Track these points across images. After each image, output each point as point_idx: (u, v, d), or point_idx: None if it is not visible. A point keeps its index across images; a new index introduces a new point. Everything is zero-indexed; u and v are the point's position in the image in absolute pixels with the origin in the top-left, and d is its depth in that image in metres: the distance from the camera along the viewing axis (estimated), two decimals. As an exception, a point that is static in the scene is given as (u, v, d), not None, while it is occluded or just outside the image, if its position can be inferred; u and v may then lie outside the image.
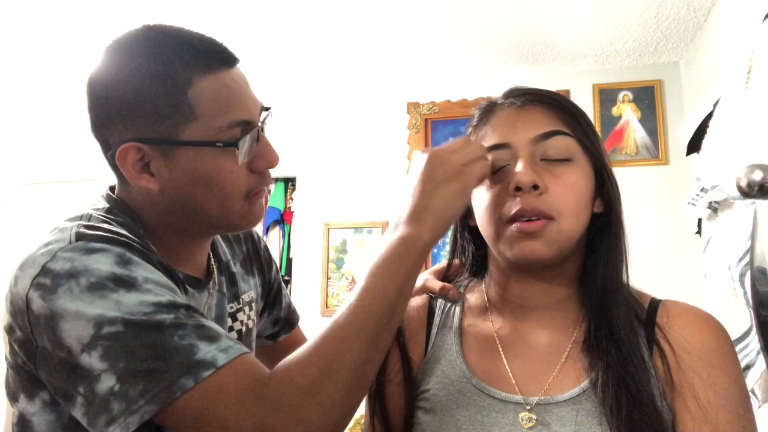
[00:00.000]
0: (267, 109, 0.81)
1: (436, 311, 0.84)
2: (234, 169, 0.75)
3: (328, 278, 2.90)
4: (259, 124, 0.79)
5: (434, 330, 0.82)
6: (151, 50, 0.74)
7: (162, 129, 0.72)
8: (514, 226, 0.72)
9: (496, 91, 0.84)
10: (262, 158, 0.78)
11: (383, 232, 2.86)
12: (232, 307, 0.89)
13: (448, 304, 0.84)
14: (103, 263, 0.65)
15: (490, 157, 0.74)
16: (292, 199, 3.20)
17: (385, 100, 3.01)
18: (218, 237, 0.92)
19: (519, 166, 0.72)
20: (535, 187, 0.71)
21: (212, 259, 0.88)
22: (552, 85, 2.68)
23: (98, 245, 0.67)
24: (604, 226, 0.77)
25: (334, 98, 3.06)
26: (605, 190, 0.77)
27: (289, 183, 3.23)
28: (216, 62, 0.75)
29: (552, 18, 2.32)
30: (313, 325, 0.83)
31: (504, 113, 0.78)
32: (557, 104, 0.78)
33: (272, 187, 3.12)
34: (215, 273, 0.88)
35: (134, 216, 0.78)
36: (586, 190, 0.74)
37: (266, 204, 3.28)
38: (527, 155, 0.73)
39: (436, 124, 2.94)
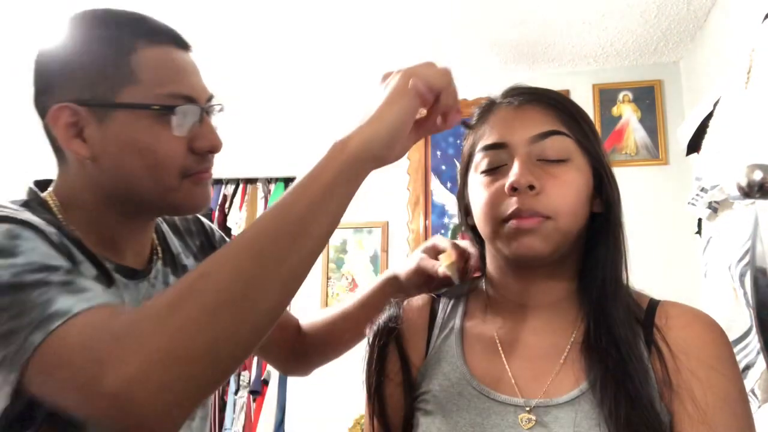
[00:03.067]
0: (213, 98, 0.79)
1: (439, 312, 0.83)
2: (170, 140, 0.72)
3: (328, 278, 2.90)
4: (204, 107, 0.76)
5: (436, 331, 0.82)
6: (99, 19, 0.74)
7: (99, 90, 0.71)
8: (511, 222, 0.72)
9: (496, 92, 0.84)
10: (204, 139, 0.76)
11: (383, 233, 2.87)
12: None
13: (451, 305, 0.84)
14: None
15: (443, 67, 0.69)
16: (292, 199, 3.19)
17: (385, 100, 3.00)
18: (169, 230, 0.90)
19: (515, 167, 0.72)
20: (531, 187, 0.71)
21: (158, 250, 0.85)
22: (552, 85, 2.64)
23: None
24: (603, 227, 0.77)
25: (334, 98, 3.06)
26: (604, 190, 0.77)
27: (289, 183, 3.23)
28: (164, 37, 0.74)
29: (552, 18, 2.32)
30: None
31: (502, 112, 0.78)
32: (556, 104, 0.77)
33: (272, 187, 3.12)
34: (159, 263, 0.84)
35: (57, 210, 0.74)
36: (583, 190, 0.74)
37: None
38: (524, 155, 0.73)
39: (436, 124, 2.94)
